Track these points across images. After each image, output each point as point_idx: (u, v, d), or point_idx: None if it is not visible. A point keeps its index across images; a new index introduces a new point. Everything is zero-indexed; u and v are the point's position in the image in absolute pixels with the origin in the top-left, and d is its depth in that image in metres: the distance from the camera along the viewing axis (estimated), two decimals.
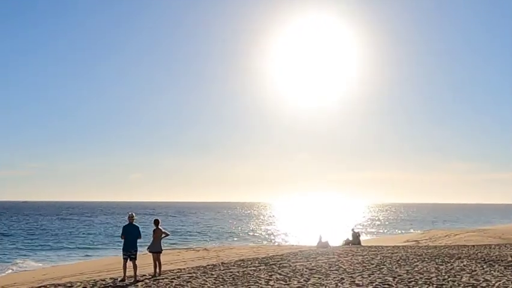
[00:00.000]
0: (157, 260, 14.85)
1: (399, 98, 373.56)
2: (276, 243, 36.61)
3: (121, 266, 24.99)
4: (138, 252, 14.78)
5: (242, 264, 17.75)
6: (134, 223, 14.71)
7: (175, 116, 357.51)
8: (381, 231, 64.68)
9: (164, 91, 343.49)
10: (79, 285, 13.31)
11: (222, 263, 18.41)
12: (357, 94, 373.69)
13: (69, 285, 13.51)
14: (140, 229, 14.81)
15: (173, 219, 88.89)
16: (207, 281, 13.27)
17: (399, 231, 62.49)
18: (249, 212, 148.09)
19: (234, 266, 17.21)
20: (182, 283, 12.97)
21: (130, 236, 14.49)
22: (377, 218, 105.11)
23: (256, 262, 18.07)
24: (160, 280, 13.68)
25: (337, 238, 32.68)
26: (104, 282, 13.88)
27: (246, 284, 12.70)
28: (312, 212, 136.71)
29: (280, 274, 14.56)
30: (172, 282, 13.23)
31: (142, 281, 13.68)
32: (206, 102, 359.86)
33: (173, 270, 16.43)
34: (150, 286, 12.55)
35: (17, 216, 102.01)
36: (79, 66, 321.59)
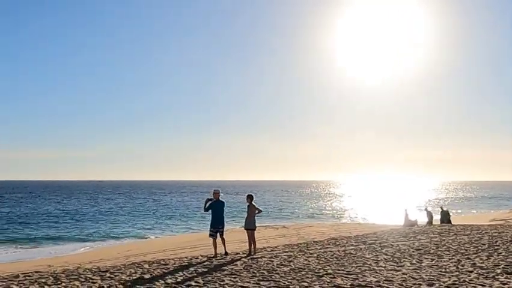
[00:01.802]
0: (252, 238, 13.99)
1: (466, 74, 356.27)
2: (357, 222, 35.21)
3: (200, 243, 24.91)
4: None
5: (337, 243, 16.62)
6: (220, 199, 13.93)
7: (241, 98, 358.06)
8: (459, 210, 61.45)
9: (229, 73, 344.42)
10: (173, 263, 12.65)
11: (315, 241, 17.39)
12: (424, 70, 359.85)
13: (164, 262, 12.89)
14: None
15: (241, 197, 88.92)
16: (309, 261, 12.21)
17: (482, 210, 59.14)
18: (316, 190, 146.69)
19: (329, 244, 16.11)
20: (284, 262, 11.98)
21: (218, 212, 13.80)
22: (451, 197, 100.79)
23: (352, 241, 16.87)
24: (258, 259, 12.78)
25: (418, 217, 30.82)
26: (198, 260, 13.17)
27: (355, 265, 11.53)
28: (381, 190, 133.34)
29: (386, 254, 13.28)
30: (272, 261, 12.28)
31: (239, 259, 12.83)
32: (269, 83, 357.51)
33: (265, 248, 15.59)
34: (251, 265, 11.64)
35: (97, 194, 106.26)
36: (158, 48, 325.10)
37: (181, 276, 10.44)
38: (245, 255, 13.78)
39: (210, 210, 13.79)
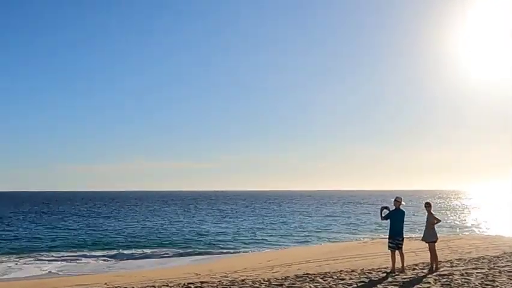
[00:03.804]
0: (433, 251, 12.31)
1: None
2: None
3: (342, 255, 23.40)
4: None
5: None
6: (401, 208, 12.40)
7: (359, 104, 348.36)
8: None
9: (339, 79, 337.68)
10: (350, 278, 11.38)
11: (495, 256, 15.17)
12: None
13: (337, 276, 11.68)
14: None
15: (370, 207, 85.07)
16: None
17: None
18: (443, 200, 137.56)
19: None
20: (486, 281, 10.15)
21: (398, 222, 12.28)
22: None
23: None
24: (449, 275, 11.06)
25: None
26: (373, 275, 11.78)
27: None
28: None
29: None
30: (469, 279, 10.51)
31: (425, 276, 11.23)
32: (387, 86, 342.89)
33: (446, 261, 13.75)
34: (450, 284, 10.00)
35: (211, 203, 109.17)
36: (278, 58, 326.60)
37: None
38: (425, 270, 12.15)
39: (389, 220, 12.33)
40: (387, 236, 12.53)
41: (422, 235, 12.91)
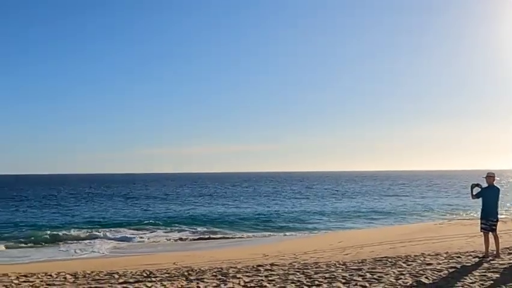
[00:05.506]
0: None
1: None
2: None
3: (419, 236, 21.98)
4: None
5: None
6: (495, 184, 11.08)
7: (416, 83, 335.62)
8: None
9: (396, 57, 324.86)
10: (438, 263, 10.26)
11: None
12: None
13: (423, 261, 10.57)
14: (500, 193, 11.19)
15: (445, 188, 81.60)
16: None
17: None
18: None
19: None
20: None
21: (491, 201, 10.97)
22: None
23: None
24: None
25: None
26: (462, 259, 10.59)
27: None
28: None
29: None
30: None
31: None
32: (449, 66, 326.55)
33: None
34: None
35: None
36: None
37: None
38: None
39: (481, 199, 11.07)
40: (479, 217, 11.23)
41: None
